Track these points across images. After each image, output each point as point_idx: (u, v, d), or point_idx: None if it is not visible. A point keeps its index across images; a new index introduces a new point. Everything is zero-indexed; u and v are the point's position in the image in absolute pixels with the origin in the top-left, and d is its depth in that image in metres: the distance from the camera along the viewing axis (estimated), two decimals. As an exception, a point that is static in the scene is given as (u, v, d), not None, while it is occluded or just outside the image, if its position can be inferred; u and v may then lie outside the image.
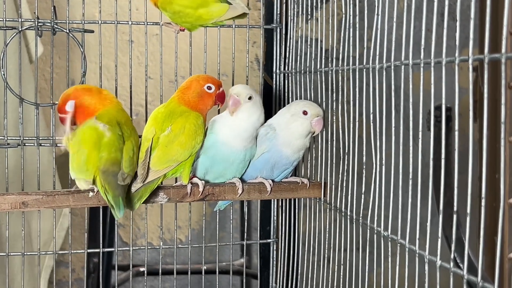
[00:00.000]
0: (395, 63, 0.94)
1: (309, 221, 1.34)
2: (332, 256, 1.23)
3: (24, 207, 1.13)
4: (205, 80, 1.20)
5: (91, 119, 1.13)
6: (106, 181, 1.08)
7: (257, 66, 2.05)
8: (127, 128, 1.14)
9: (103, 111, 1.14)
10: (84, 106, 1.14)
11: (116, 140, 1.11)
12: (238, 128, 1.19)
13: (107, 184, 1.08)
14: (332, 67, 1.21)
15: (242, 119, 1.19)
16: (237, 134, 1.19)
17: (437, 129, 0.89)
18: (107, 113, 1.14)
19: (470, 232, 0.74)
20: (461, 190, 0.77)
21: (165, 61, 1.40)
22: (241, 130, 1.20)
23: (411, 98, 0.88)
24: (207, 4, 1.27)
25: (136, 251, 1.99)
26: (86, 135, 1.11)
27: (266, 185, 1.24)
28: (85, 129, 1.12)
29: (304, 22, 1.36)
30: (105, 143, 1.10)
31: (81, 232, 1.99)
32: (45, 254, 1.64)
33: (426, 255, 0.84)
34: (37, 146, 1.32)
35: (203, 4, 1.27)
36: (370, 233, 1.04)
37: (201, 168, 1.23)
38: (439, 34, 0.80)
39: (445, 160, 0.80)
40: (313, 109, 1.21)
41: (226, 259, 1.98)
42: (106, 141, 1.10)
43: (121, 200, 1.08)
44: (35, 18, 1.30)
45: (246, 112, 1.19)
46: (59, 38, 1.40)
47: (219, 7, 1.27)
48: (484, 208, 0.72)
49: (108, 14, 1.81)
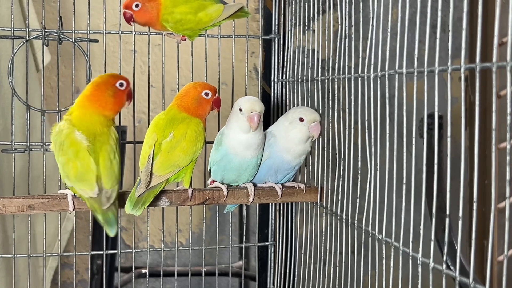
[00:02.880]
0: (389, 72, 0.94)
1: (305, 224, 1.34)
2: (328, 259, 1.23)
3: (30, 210, 1.13)
4: (202, 87, 1.20)
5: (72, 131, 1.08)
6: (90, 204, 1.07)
7: (255, 75, 2.05)
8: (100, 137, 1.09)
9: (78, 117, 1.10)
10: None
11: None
12: (247, 141, 1.18)
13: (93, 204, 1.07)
14: (328, 76, 1.21)
15: (254, 133, 1.19)
16: (248, 146, 1.19)
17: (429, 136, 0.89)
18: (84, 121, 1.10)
19: (462, 236, 0.74)
20: (453, 195, 0.77)
21: (167, 70, 1.41)
22: (252, 143, 1.19)
23: (404, 106, 0.88)
24: (205, 7, 1.28)
25: (138, 254, 1.98)
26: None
27: (277, 189, 1.24)
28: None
29: (301, 33, 1.36)
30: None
31: (85, 235, 1.99)
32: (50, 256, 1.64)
33: (419, 258, 0.84)
34: (43, 152, 1.32)
35: (201, 7, 1.28)
36: (365, 236, 1.04)
37: (217, 174, 1.23)
38: (431, 45, 0.81)
39: (437, 166, 0.80)
40: (309, 115, 1.21)
41: (225, 261, 1.97)
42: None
43: (111, 216, 1.06)
44: (42, 28, 1.30)
45: (258, 126, 1.19)
46: (65, 48, 1.40)
47: (216, 7, 1.29)
48: (475, 212, 0.72)
49: (112, 25, 1.81)
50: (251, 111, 1.15)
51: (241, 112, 1.16)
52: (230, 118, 1.20)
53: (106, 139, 1.08)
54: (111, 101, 1.11)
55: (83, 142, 1.06)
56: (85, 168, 1.05)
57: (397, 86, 0.91)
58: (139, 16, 1.28)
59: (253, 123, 1.15)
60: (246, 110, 1.16)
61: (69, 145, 1.06)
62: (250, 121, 1.15)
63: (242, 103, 1.17)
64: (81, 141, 1.06)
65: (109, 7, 1.36)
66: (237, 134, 1.18)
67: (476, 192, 0.73)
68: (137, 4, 1.27)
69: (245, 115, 1.15)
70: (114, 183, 1.07)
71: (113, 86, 1.12)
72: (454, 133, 0.77)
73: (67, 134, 1.07)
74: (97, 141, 1.07)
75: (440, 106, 0.80)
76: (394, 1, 0.96)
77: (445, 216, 0.77)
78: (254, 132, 1.17)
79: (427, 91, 0.81)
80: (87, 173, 1.05)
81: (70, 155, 1.06)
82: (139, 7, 1.27)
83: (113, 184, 1.07)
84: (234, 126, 1.19)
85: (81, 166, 1.05)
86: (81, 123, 1.08)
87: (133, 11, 1.27)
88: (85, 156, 1.05)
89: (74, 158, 1.05)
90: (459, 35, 0.74)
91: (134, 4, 1.26)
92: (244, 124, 1.16)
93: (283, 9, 1.44)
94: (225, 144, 1.20)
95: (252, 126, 1.16)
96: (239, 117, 1.17)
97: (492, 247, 0.70)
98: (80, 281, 2.04)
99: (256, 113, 1.15)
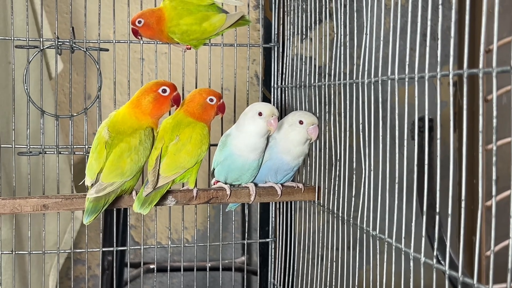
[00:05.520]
0: (382, 78, 0.94)
1: (304, 222, 1.34)
2: (325, 254, 1.22)
3: (44, 209, 1.13)
4: (207, 93, 1.20)
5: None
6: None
7: (256, 81, 2.05)
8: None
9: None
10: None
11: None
12: (255, 144, 1.18)
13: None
14: (325, 82, 1.21)
15: (262, 138, 1.19)
16: (254, 149, 1.19)
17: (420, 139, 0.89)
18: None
19: (451, 232, 0.74)
20: (443, 193, 0.77)
21: (173, 77, 1.41)
22: (258, 146, 1.19)
23: (396, 110, 0.88)
24: (208, 17, 1.28)
25: (146, 250, 1.98)
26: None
27: (276, 189, 1.24)
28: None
29: (299, 41, 1.36)
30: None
31: (97, 233, 1.99)
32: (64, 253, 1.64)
33: (411, 253, 0.84)
34: (57, 154, 1.32)
35: (205, 18, 1.28)
36: (360, 233, 1.04)
37: (221, 174, 1.23)
38: (422, 52, 0.81)
39: (428, 166, 0.80)
40: (308, 118, 1.21)
41: (229, 257, 1.97)
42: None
43: (91, 206, 1.07)
44: (55, 38, 1.30)
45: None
46: (77, 56, 1.40)
47: (219, 17, 1.29)
48: (464, 210, 0.72)
49: (122, 35, 1.82)
50: (271, 115, 1.16)
51: (261, 116, 1.16)
52: (243, 122, 1.19)
53: (128, 139, 1.09)
54: (150, 106, 1.13)
55: (105, 137, 1.09)
56: (95, 159, 1.08)
57: (389, 91, 0.91)
58: (144, 32, 1.29)
59: (273, 127, 1.16)
60: (267, 115, 1.16)
61: (96, 137, 1.11)
62: (270, 125, 1.16)
63: (261, 108, 1.17)
64: (103, 136, 1.10)
65: (118, 18, 1.37)
66: (248, 137, 1.18)
67: (464, 190, 0.73)
68: (140, 21, 1.27)
69: (266, 119, 1.16)
70: (116, 178, 1.07)
71: (155, 92, 1.13)
72: (444, 135, 0.77)
73: (100, 129, 1.12)
74: (118, 138, 1.09)
75: (430, 110, 0.80)
76: (387, 11, 0.96)
77: (435, 214, 0.77)
78: (263, 137, 1.18)
79: (418, 95, 0.81)
80: (94, 163, 1.08)
81: (93, 147, 1.11)
82: (142, 23, 1.27)
83: (112, 179, 1.07)
84: (248, 130, 1.18)
85: (93, 157, 1.09)
86: (114, 122, 1.12)
87: (137, 27, 1.27)
88: (100, 149, 1.09)
89: (94, 149, 1.10)
90: (448, 43, 0.75)
91: (137, 21, 1.27)
92: (262, 128, 1.16)
93: (282, 19, 1.44)
94: (230, 145, 1.20)
95: (272, 130, 1.16)
96: (257, 121, 1.16)
97: (480, 243, 0.70)
98: (92, 276, 2.04)
99: (276, 117, 1.16)
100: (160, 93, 1.13)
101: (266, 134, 1.17)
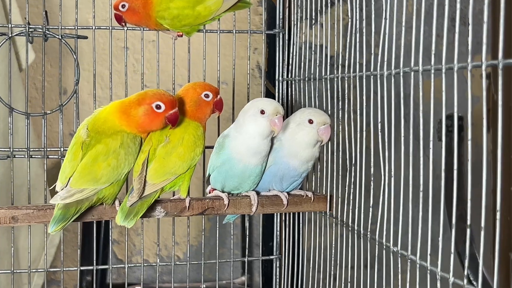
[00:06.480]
0: (404, 70, 0.95)
1: (314, 236, 1.34)
2: (338, 274, 1.22)
3: (14, 222, 1.13)
4: (202, 88, 1.20)
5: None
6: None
7: (258, 73, 2.06)
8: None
9: None
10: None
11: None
12: (258, 147, 1.18)
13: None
14: (338, 74, 1.21)
15: (266, 139, 1.19)
16: (256, 152, 1.19)
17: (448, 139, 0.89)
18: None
19: (484, 248, 0.74)
20: (475, 203, 0.77)
21: (162, 69, 1.41)
22: (261, 149, 1.19)
23: (421, 107, 0.88)
24: (203, 0, 1.28)
25: (131, 269, 1.98)
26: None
27: (282, 198, 1.24)
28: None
29: (308, 27, 1.37)
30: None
31: (74, 249, 1.99)
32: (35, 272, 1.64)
33: (438, 272, 0.84)
34: (28, 158, 1.33)
35: (199, 0, 1.28)
36: (379, 248, 1.04)
37: (218, 181, 1.23)
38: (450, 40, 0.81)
39: (457, 171, 0.80)
40: (319, 117, 1.20)
41: (227, 277, 1.97)
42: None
43: (58, 214, 1.07)
44: (26, 24, 1.30)
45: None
46: (50, 45, 1.41)
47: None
48: (499, 222, 0.72)
49: (102, 20, 1.82)
50: (276, 113, 1.16)
51: (264, 114, 1.16)
52: (243, 121, 1.18)
53: (107, 140, 1.08)
54: (138, 120, 1.10)
55: (83, 136, 1.09)
56: (69, 161, 1.08)
57: (412, 84, 0.91)
58: (128, 17, 1.29)
59: (277, 127, 1.15)
60: (271, 113, 1.15)
61: (74, 137, 1.11)
62: (274, 125, 1.15)
63: (264, 105, 1.16)
64: (81, 136, 1.09)
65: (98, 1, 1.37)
66: (249, 139, 1.18)
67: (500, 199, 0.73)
68: (123, 5, 1.27)
69: (269, 117, 1.15)
70: (87, 185, 1.07)
71: (147, 106, 1.09)
72: (476, 136, 0.77)
73: (80, 127, 1.12)
74: (95, 139, 1.09)
75: (460, 106, 0.80)
76: (409, -8, 0.96)
77: (466, 227, 0.77)
78: (266, 139, 1.17)
79: (446, 90, 0.81)
80: (67, 166, 1.08)
81: (69, 147, 1.11)
82: (126, 8, 1.27)
83: (81, 185, 1.06)
84: (249, 130, 1.18)
85: (68, 159, 1.09)
86: (96, 120, 1.11)
87: (121, 12, 1.28)
88: (76, 150, 1.08)
89: (69, 150, 1.10)
90: (480, 29, 0.74)
91: (121, 5, 1.27)
92: (265, 128, 1.16)
93: (288, 1, 1.45)
94: (228, 148, 1.20)
95: (276, 130, 1.16)
96: (259, 120, 1.16)
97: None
98: (68, 299, 2.05)
99: (281, 115, 1.16)
100: (153, 108, 1.10)
101: (269, 135, 1.17)
